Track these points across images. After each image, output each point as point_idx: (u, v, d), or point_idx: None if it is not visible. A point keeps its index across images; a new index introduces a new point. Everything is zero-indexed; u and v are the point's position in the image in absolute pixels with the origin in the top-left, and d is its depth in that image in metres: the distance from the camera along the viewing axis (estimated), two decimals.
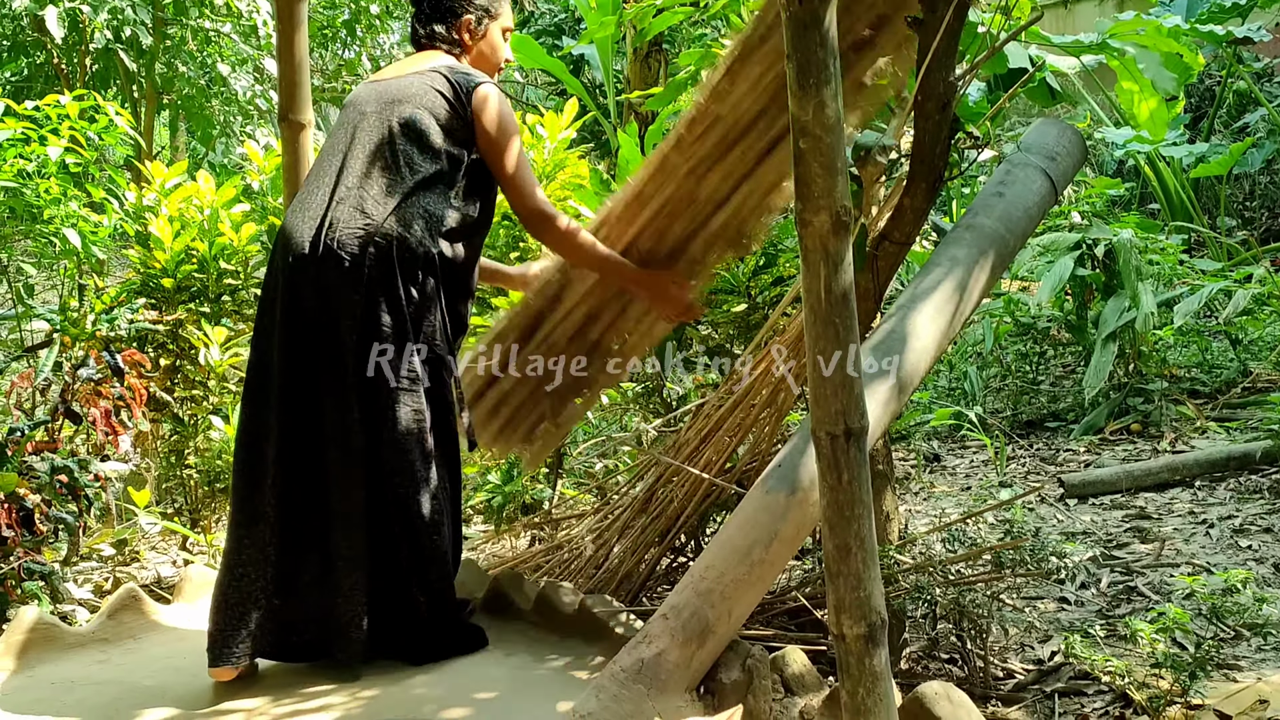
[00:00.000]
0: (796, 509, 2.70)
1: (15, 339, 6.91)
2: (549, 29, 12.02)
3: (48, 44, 7.18)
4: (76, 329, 4.58)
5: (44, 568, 3.75)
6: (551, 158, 5.08)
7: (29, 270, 5.61)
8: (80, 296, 5.45)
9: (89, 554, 4.54)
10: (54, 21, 6.14)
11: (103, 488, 4.13)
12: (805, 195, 2.02)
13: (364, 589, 2.90)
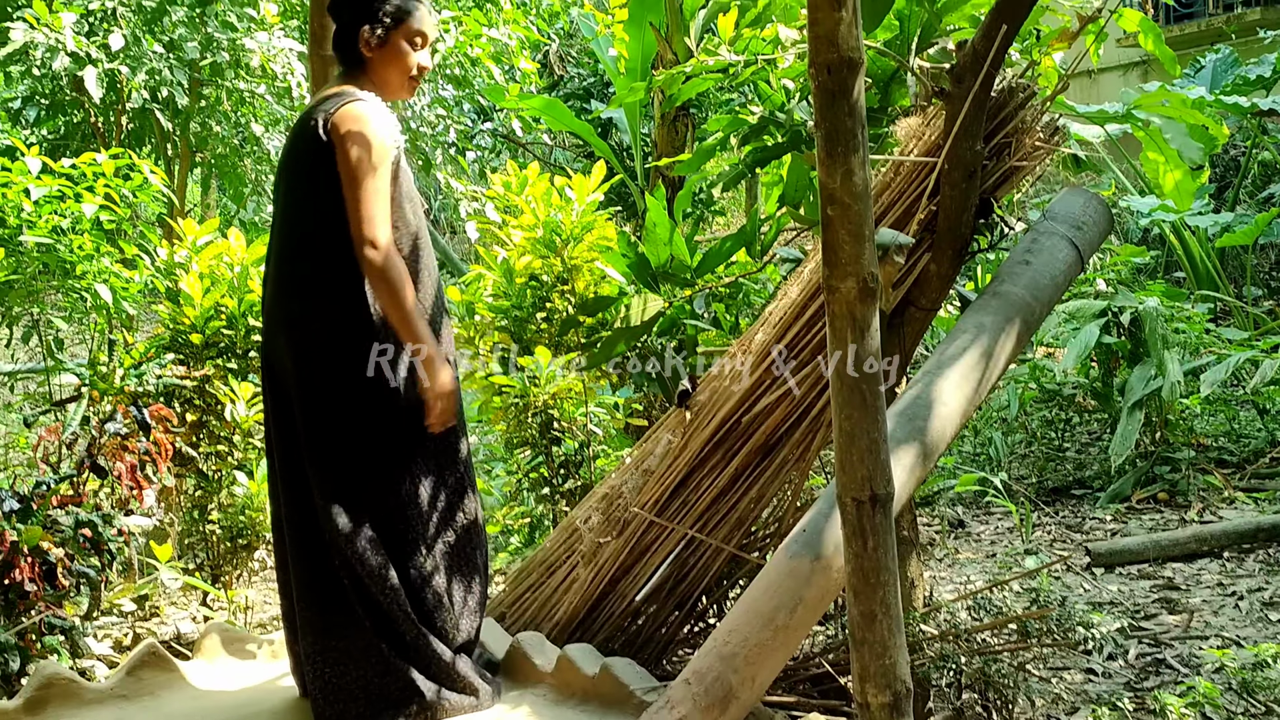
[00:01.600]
0: (821, 574, 2.68)
1: (44, 393, 6.97)
2: (577, 92, 12.14)
3: (85, 103, 7.30)
4: (105, 384, 4.62)
5: (65, 622, 3.76)
6: (580, 220, 5.12)
7: (59, 325, 5.67)
8: (110, 351, 5.50)
9: (110, 609, 4.55)
10: (93, 82, 6.24)
11: (125, 542, 4.14)
12: (833, 262, 2.03)
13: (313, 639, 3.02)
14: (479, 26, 7.86)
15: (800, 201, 4.02)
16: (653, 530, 3.69)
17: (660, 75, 4.13)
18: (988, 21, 2.84)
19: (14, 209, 5.27)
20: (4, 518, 3.78)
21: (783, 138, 3.96)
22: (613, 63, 9.26)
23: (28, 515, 3.82)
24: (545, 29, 8.87)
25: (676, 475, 3.68)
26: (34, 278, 5.29)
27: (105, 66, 6.35)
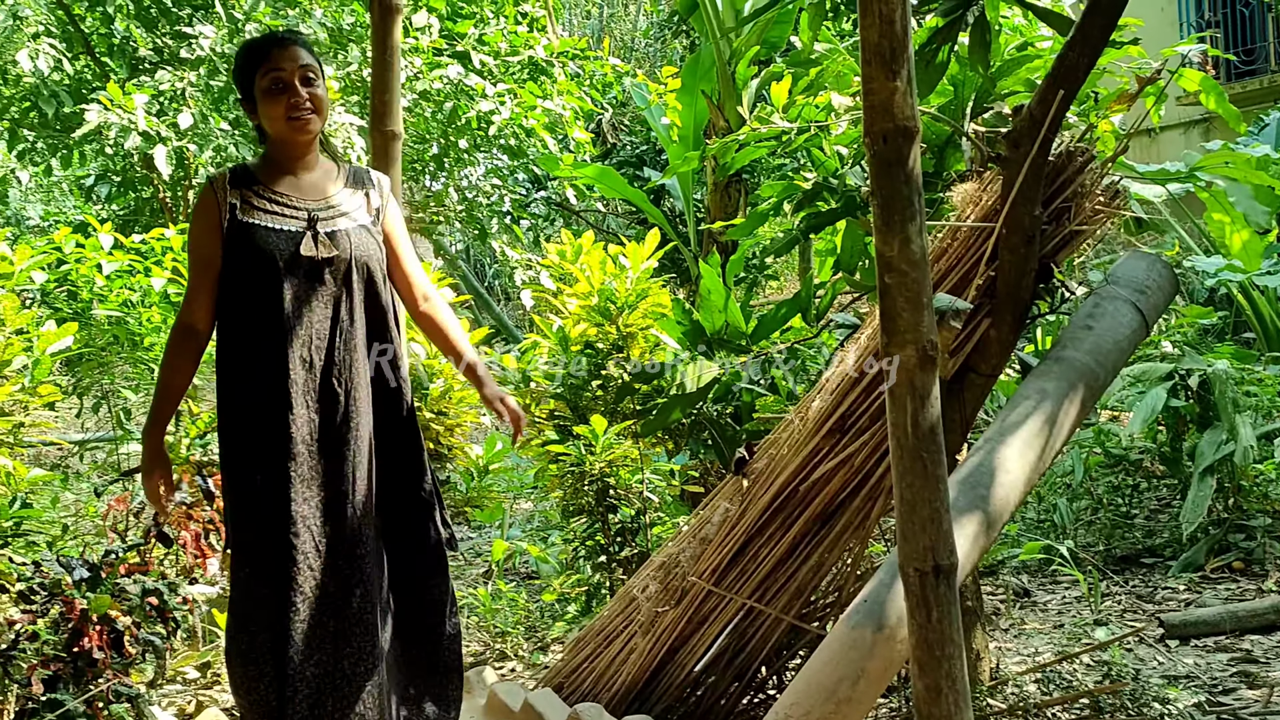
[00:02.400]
0: (884, 646, 2.63)
1: (113, 462, 7.07)
2: (630, 160, 12.26)
3: (155, 180, 7.48)
4: (171, 453, 4.67)
5: (131, 690, 3.78)
6: (634, 287, 5.14)
7: (128, 395, 5.77)
8: (176, 422, 5.58)
9: (174, 676, 4.56)
10: (163, 159, 6.40)
11: (190, 610, 4.17)
12: (891, 329, 2.02)
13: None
14: (533, 99, 7.97)
15: (855, 267, 4.01)
16: (711, 599, 3.65)
17: (714, 144, 4.15)
18: (1044, 87, 2.83)
19: (87, 283, 5.39)
20: (74, 586, 3.82)
21: (837, 203, 3.96)
22: (665, 130, 9.35)
23: (97, 583, 3.86)
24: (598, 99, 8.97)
25: (734, 543, 3.65)
26: (104, 349, 5.39)
27: (174, 144, 6.51)
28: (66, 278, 5.72)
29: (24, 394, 4.25)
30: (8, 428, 4.15)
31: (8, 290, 4.37)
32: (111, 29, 7.62)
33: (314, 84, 2.96)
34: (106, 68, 7.70)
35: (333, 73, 7.41)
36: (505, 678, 4.57)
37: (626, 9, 19.29)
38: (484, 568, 6.71)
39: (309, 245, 2.90)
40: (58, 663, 3.75)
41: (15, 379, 4.24)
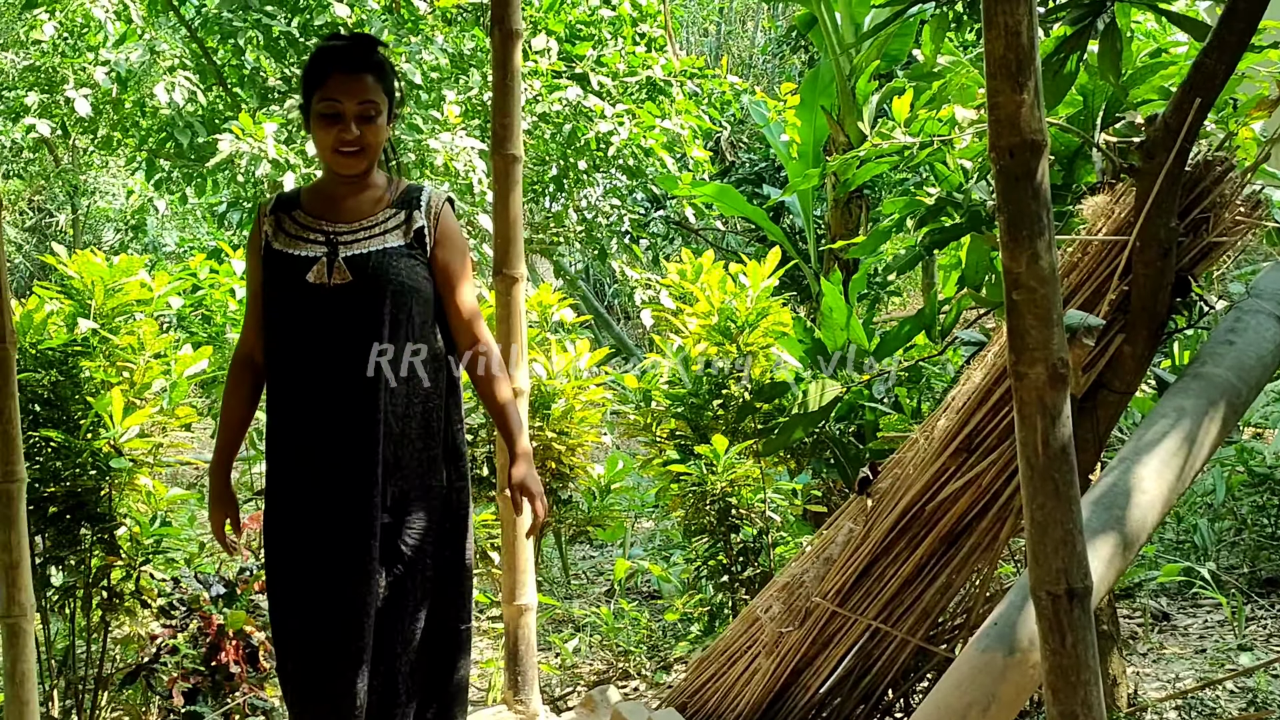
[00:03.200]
0: (1015, 670, 2.58)
1: (246, 481, 7.28)
2: (749, 177, 12.22)
3: None
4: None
5: (266, 704, 3.88)
6: (754, 305, 5.12)
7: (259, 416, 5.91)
8: None
9: None
10: (291, 185, 6.57)
11: None
12: (1019, 347, 1.97)
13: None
14: (652, 119, 8.00)
15: (981, 283, 3.94)
16: (836, 620, 3.61)
17: (834, 160, 4.12)
18: (1179, 95, 2.75)
19: (220, 308, 5.55)
20: (211, 602, 3.94)
21: (961, 218, 3.90)
22: (784, 147, 9.31)
23: (232, 599, 3.98)
24: (717, 117, 8.97)
25: (859, 564, 3.60)
26: None
27: (302, 171, 6.68)
28: (201, 302, 5.90)
29: (163, 416, 4.38)
30: (147, 448, 4.28)
31: (147, 316, 4.51)
32: (242, 60, 7.86)
33: (372, 120, 2.78)
34: (238, 98, 7.94)
35: (453, 97, 7.54)
36: (628, 697, 4.58)
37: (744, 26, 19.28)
38: (606, 586, 6.74)
39: (317, 272, 2.74)
40: (197, 676, 3.87)
41: (154, 401, 4.37)
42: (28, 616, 3.45)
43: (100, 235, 15.16)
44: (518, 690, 4.07)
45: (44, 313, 4.28)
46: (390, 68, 2.87)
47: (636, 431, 5.61)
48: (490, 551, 5.01)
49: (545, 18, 8.36)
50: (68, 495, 4.14)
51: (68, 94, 7.60)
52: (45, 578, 4.21)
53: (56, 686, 4.27)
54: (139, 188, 11.30)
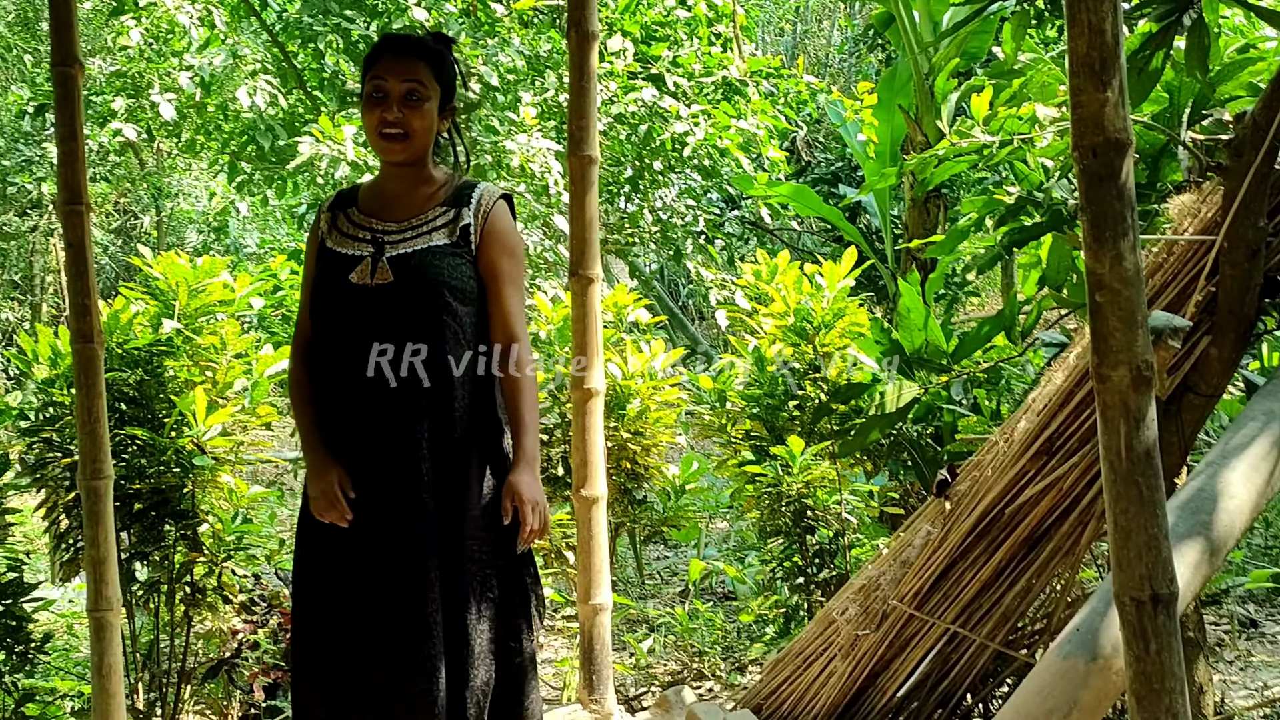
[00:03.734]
0: (1097, 677, 2.54)
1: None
2: (825, 177, 12.15)
3: None
4: None
5: None
6: (831, 306, 5.09)
7: None
8: None
9: None
10: None
11: None
12: (1102, 350, 1.94)
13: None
14: (727, 119, 7.99)
15: (1063, 283, 3.88)
16: (913, 624, 3.58)
17: (911, 159, 4.08)
18: (1269, 91, 2.69)
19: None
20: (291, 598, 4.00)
21: (1042, 218, 3.84)
22: (861, 147, 9.25)
23: None
24: (793, 117, 8.93)
25: (937, 567, 3.57)
26: None
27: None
28: (282, 303, 6.00)
29: (244, 414, 4.46)
30: (229, 446, 4.36)
31: (229, 316, 4.60)
32: (322, 64, 7.98)
33: (417, 105, 2.71)
34: (318, 101, 8.07)
35: (530, 99, 7.59)
36: (703, 698, 4.58)
37: (820, 25, 19.18)
38: (680, 587, 6.74)
39: (360, 272, 2.68)
40: (277, 671, 3.93)
41: (236, 400, 4.45)
42: (114, 611, 3.53)
43: (183, 237, 15.46)
44: (592, 690, 4.09)
45: (130, 313, 4.37)
46: (447, 60, 2.81)
47: (711, 432, 5.60)
48: (565, 551, 5.03)
49: (621, 19, 8.38)
50: (152, 492, 4.23)
51: (153, 98, 7.77)
52: (131, 573, 4.31)
53: (141, 679, 4.37)
54: (221, 190, 11.52)
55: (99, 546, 3.50)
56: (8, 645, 3.97)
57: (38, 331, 4.43)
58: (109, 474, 3.54)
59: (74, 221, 3.54)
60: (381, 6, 7.66)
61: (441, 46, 2.84)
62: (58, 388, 4.28)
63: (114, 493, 3.60)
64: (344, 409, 2.71)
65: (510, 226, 2.80)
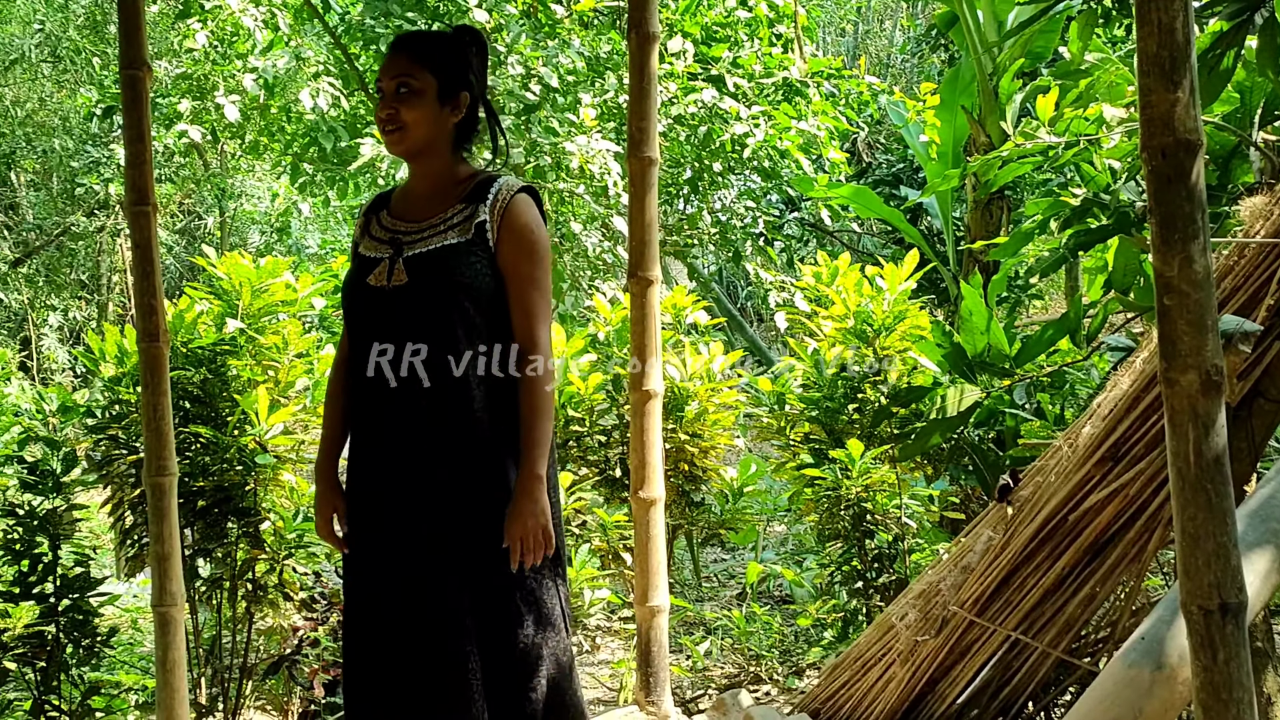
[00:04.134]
0: (1163, 687, 2.50)
1: None
2: (886, 179, 12.07)
3: None
4: None
5: None
6: (891, 309, 5.05)
7: None
8: None
9: None
10: None
11: None
12: (1170, 354, 1.91)
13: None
14: (788, 120, 7.96)
15: (1130, 287, 3.82)
16: (973, 630, 3.54)
17: (975, 160, 4.04)
18: None
19: None
20: None
21: (1108, 220, 3.78)
22: (923, 148, 9.18)
23: None
24: (854, 118, 8.88)
25: (998, 573, 3.53)
26: None
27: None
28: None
29: (305, 413, 4.50)
30: (290, 445, 4.40)
31: (291, 316, 4.64)
32: None
33: (407, 98, 2.68)
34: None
35: (589, 100, 7.61)
36: (760, 701, 4.56)
37: (882, 25, 19.07)
38: (737, 589, 6.72)
39: (378, 274, 2.67)
40: (336, 668, 3.96)
41: (298, 399, 4.50)
42: (178, 606, 3.58)
43: (246, 237, 15.67)
44: (649, 691, 4.08)
45: (194, 313, 4.43)
46: (441, 51, 2.75)
47: (770, 435, 5.58)
48: (623, 553, 5.04)
49: (682, 20, 8.38)
50: (215, 490, 4.29)
51: (218, 100, 7.87)
52: (194, 569, 4.37)
53: (204, 675, 4.43)
54: (284, 191, 11.65)
55: (163, 543, 3.55)
56: (75, 639, 4.04)
57: (105, 330, 4.50)
58: (174, 471, 3.59)
59: (141, 222, 3.60)
60: (442, 9, 7.70)
61: (440, 39, 2.79)
62: (124, 386, 4.35)
63: (178, 490, 3.65)
64: (366, 411, 2.70)
65: (530, 221, 2.71)
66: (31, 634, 3.96)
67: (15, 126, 13.97)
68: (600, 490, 5.32)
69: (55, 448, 4.10)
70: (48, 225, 14.28)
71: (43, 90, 13.92)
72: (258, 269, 4.56)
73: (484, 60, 2.86)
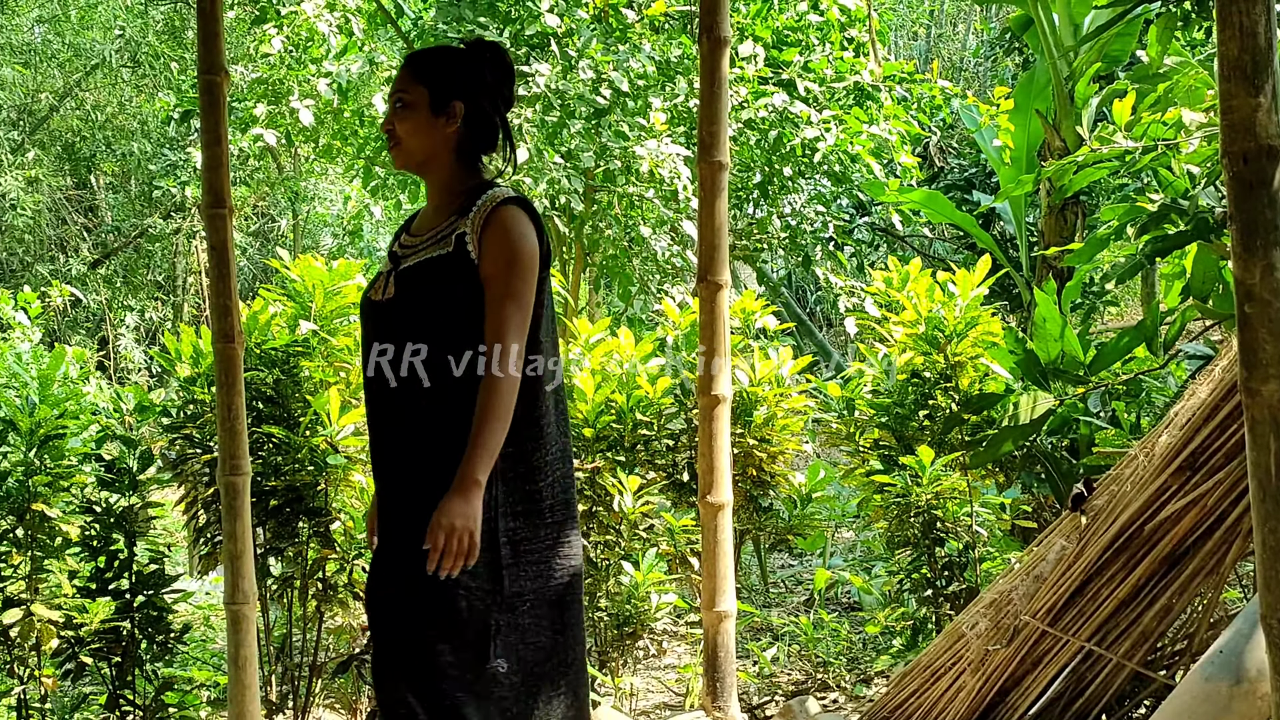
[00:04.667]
0: (1242, 701, 2.45)
1: None
2: (958, 183, 11.96)
3: None
4: None
5: None
6: (963, 315, 5.00)
7: None
8: None
9: None
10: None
11: None
12: (1251, 363, 1.88)
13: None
14: (859, 124, 7.91)
15: (1208, 294, 3.75)
16: (1046, 640, 3.49)
17: (1049, 165, 4.00)
18: None
19: None
20: None
21: (1186, 226, 3.72)
22: (996, 152, 9.08)
23: None
24: (926, 122, 8.82)
25: (1071, 583, 3.48)
26: None
27: (511, 178, 6.85)
28: None
29: None
30: (361, 446, 4.45)
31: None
32: None
33: (400, 111, 2.70)
34: None
35: (660, 104, 7.63)
36: (827, 709, 4.53)
37: (955, 28, 18.90)
38: (804, 596, 6.69)
39: (376, 289, 2.72)
40: None
41: None
42: (250, 604, 3.63)
43: (318, 240, 15.88)
44: (716, 697, 4.08)
45: (268, 314, 4.50)
46: (433, 62, 2.75)
47: (839, 440, 5.55)
48: (690, 557, 5.03)
49: (753, 24, 8.36)
50: (287, 489, 4.34)
51: (292, 104, 7.99)
52: (265, 568, 4.43)
53: (274, 672, 4.49)
54: (356, 194, 11.80)
55: (236, 541, 3.61)
56: (149, 634, 4.11)
57: (180, 331, 4.58)
58: (247, 470, 3.65)
59: (217, 224, 3.66)
60: (514, 13, 7.76)
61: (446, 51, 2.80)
62: (199, 386, 4.42)
63: (251, 489, 3.70)
64: (369, 421, 2.78)
65: (509, 234, 2.63)
66: (107, 629, 4.04)
67: (95, 130, 14.30)
68: (668, 494, 5.31)
69: (132, 446, 4.17)
70: (126, 227, 14.58)
71: (122, 95, 14.23)
72: (330, 271, 4.62)
73: (500, 72, 2.80)
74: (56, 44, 13.98)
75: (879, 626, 5.18)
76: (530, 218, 2.68)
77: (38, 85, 14.05)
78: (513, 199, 2.68)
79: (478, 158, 2.79)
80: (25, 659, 4.00)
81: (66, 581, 4.03)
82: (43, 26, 14.22)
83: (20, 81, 13.79)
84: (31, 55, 13.88)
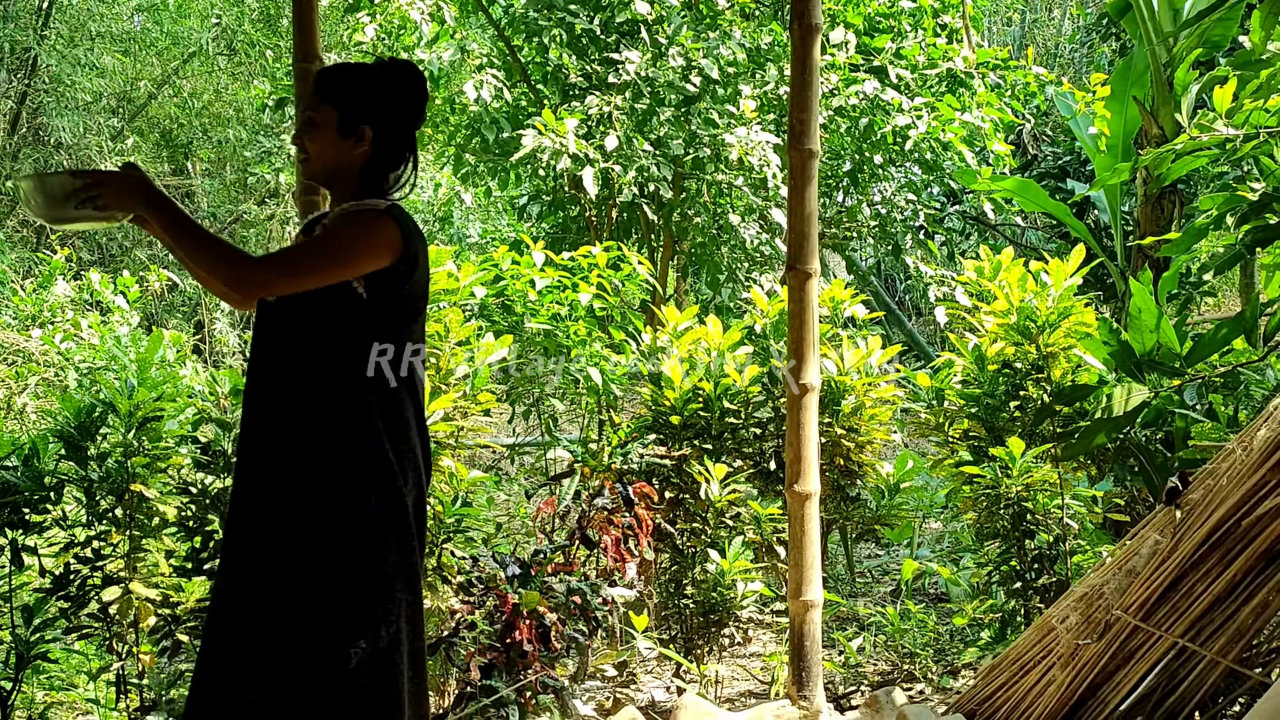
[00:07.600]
0: None
1: (540, 466, 7.58)
2: (1052, 171, 11.77)
3: (582, 199, 7.96)
4: (595, 461, 4.95)
5: (556, 683, 4.04)
6: (1056, 305, 4.94)
7: (556, 404, 6.14)
8: (599, 430, 5.89)
9: (594, 673, 4.82)
10: (590, 180, 6.79)
11: (609, 611, 4.40)
12: None
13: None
14: (951, 112, 7.82)
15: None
16: (1138, 635, 3.45)
17: (1147, 153, 3.93)
18: None
19: (520, 298, 5.81)
20: (507, 581, 4.13)
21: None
22: (1092, 140, 8.92)
23: (527, 580, 4.16)
24: (1020, 109, 8.68)
25: (1165, 578, 3.43)
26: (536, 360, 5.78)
27: (600, 166, 6.88)
28: (502, 292, 6.18)
29: (465, 400, 4.60)
30: (450, 431, 4.51)
31: (452, 305, 4.75)
32: (546, 58, 8.17)
33: (308, 130, 2.74)
34: (541, 94, 8.27)
35: (749, 91, 7.60)
36: (913, 700, 4.52)
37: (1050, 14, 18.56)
38: (891, 586, 6.65)
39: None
40: (492, 652, 4.06)
41: (458, 386, 4.60)
42: None
43: None
44: (801, 686, 4.09)
45: None
46: (339, 83, 2.75)
47: (928, 431, 5.51)
48: (776, 546, 5.04)
49: (844, 11, 8.30)
50: None
51: None
52: None
53: None
54: (446, 181, 11.92)
55: None
56: None
57: None
58: None
59: (310, 210, 3.74)
60: (605, 1, 7.79)
61: (356, 72, 2.79)
62: None
63: None
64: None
65: (343, 214, 2.74)
66: (203, 609, 4.15)
67: (192, 117, 14.60)
68: (755, 483, 5.31)
69: (227, 429, 4.26)
70: (221, 213, 14.86)
71: (218, 83, 14.50)
72: None
73: (410, 95, 2.83)
74: (155, 32, 14.29)
75: (966, 618, 5.14)
76: (395, 221, 2.70)
77: (136, 73, 14.36)
78: (380, 208, 2.72)
79: (384, 177, 2.82)
80: (124, 636, 4.11)
81: (164, 561, 4.13)
82: (142, 15, 14.55)
83: (120, 69, 14.10)
84: (131, 43, 14.19)
